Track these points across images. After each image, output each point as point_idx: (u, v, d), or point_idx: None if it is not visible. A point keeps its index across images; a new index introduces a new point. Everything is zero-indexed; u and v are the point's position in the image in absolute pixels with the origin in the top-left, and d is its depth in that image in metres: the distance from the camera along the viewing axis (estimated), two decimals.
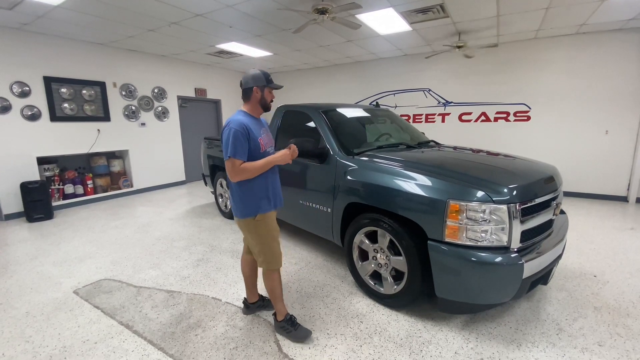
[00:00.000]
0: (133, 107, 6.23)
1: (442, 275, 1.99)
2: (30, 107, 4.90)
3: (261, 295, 2.40)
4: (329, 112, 3.11)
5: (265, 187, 1.98)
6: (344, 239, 2.65)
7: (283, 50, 6.27)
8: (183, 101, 7.30)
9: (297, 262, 3.19)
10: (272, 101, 2.05)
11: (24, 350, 2.00)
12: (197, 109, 7.75)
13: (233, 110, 8.38)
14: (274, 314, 2.16)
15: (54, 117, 5.16)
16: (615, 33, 4.96)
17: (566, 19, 4.50)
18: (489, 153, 2.92)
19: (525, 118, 5.83)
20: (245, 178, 1.88)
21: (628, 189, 5.24)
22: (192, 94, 7.40)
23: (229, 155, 1.82)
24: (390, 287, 2.33)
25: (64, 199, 5.43)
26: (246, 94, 1.98)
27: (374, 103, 7.10)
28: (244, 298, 2.37)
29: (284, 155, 1.94)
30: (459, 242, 1.89)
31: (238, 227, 2.03)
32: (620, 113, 5.10)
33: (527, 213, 1.95)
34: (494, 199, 1.86)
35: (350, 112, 3.46)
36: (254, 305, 2.35)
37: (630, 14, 4.29)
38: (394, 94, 7.12)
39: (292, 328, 2.07)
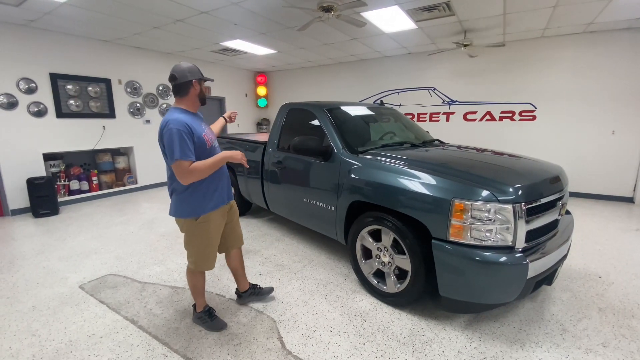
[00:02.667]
0: (138, 104, 6.26)
1: (446, 275, 1.98)
2: (37, 103, 4.94)
3: (252, 284, 2.47)
4: (333, 110, 3.10)
5: (216, 184, 1.95)
6: (348, 237, 2.65)
7: (287, 48, 6.26)
8: None
9: (300, 259, 3.20)
10: (206, 94, 2.03)
11: (31, 343, 2.02)
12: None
13: (236, 107, 8.40)
14: (194, 306, 2.20)
15: (59, 114, 5.20)
16: (623, 32, 4.90)
17: (573, 17, 4.45)
18: (494, 152, 2.90)
19: (531, 117, 5.79)
20: (197, 178, 1.79)
21: (634, 190, 5.19)
22: None
23: (175, 158, 1.70)
24: (393, 286, 2.33)
25: (69, 194, 5.48)
26: (183, 89, 1.88)
27: (378, 101, 7.06)
28: (236, 288, 2.44)
29: (237, 152, 1.89)
30: (464, 241, 1.88)
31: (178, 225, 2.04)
32: (627, 113, 5.05)
33: (532, 213, 1.94)
34: (499, 198, 1.85)
35: (354, 111, 3.45)
36: (245, 293, 2.42)
37: (638, 12, 4.23)
38: (398, 92, 7.09)
39: (209, 319, 2.14)
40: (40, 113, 4.99)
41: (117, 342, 2.03)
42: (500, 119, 6.06)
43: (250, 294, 2.43)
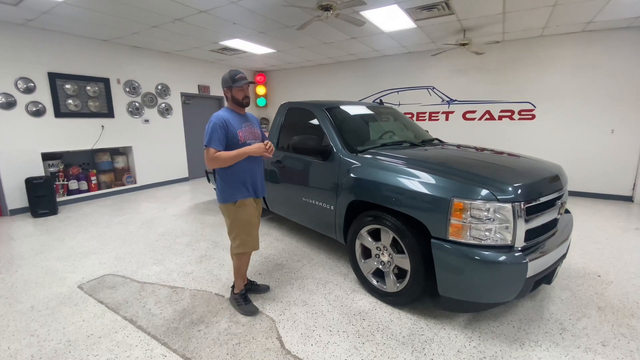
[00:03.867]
0: (137, 104, 6.25)
1: (445, 274, 1.98)
2: (35, 103, 4.93)
3: (249, 280, 2.58)
4: (332, 110, 3.10)
5: (244, 176, 2.17)
6: (347, 236, 2.65)
7: (286, 47, 6.25)
8: (186, 98, 7.30)
9: (299, 259, 3.20)
10: (245, 97, 2.19)
11: (29, 343, 2.02)
12: (201, 106, 7.76)
13: None
14: (232, 287, 2.41)
15: (58, 113, 5.18)
16: (623, 31, 4.90)
17: (573, 16, 4.45)
18: (493, 151, 2.90)
19: (530, 117, 5.78)
20: (219, 166, 2.07)
21: (633, 189, 5.19)
22: (195, 91, 7.40)
23: (204, 144, 2.03)
24: (392, 285, 2.33)
25: (68, 194, 5.46)
26: (224, 95, 2.24)
27: (378, 101, 7.06)
28: (234, 283, 2.52)
29: (258, 147, 2.07)
30: (463, 240, 1.88)
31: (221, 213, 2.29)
32: (626, 112, 5.05)
33: (531, 212, 1.94)
34: (498, 197, 1.85)
35: (353, 110, 3.45)
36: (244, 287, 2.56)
37: (638, 11, 4.23)
38: (397, 91, 7.09)
39: (243, 302, 2.31)
40: (39, 112, 4.98)
41: (115, 342, 2.02)
42: (500, 118, 6.06)
43: (247, 289, 2.52)
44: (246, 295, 2.36)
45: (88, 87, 5.51)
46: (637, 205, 5.06)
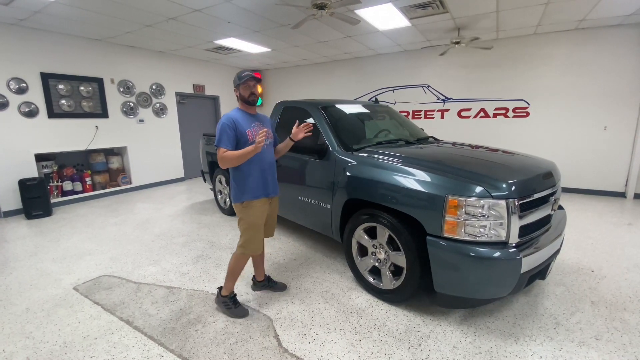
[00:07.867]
0: (131, 104, 6.21)
1: (441, 271, 2.00)
2: (28, 103, 4.87)
3: (267, 276, 2.61)
4: (327, 108, 3.10)
5: (253, 176, 2.18)
6: (343, 235, 2.66)
7: (282, 46, 6.24)
8: (181, 97, 7.26)
9: (296, 258, 3.20)
10: (251, 95, 2.20)
11: (25, 346, 2.00)
12: (196, 106, 7.72)
13: (231, 106, 8.37)
14: (219, 288, 2.34)
15: (51, 114, 5.13)
16: (615, 29, 4.95)
17: (566, 14, 4.48)
18: (488, 149, 2.92)
19: (524, 114, 5.83)
20: (228, 165, 2.11)
21: (626, 185, 5.26)
22: (190, 91, 7.37)
23: (215, 144, 2.09)
24: (389, 283, 2.34)
25: (62, 195, 5.42)
26: (236, 96, 2.28)
27: (373, 99, 7.07)
28: (253, 276, 2.61)
29: (254, 147, 2.01)
30: (458, 237, 1.90)
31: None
32: (619, 109, 5.10)
33: (525, 208, 1.96)
34: (492, 194, 1.86)
35: (349, 108, 3.45)
36: (260, 283, 2.59)
37: (630, 9, 4.27)
38: (393, 90, 7.10)
39: (233, 305, 2.28)
40: (32, 113, 4.93)
41: (112, 343, 2.02)
42: (494, 115, 6.10)
43: (264, 285, 2.60)
44: (235, 298, 2.31)
45: (81, 87, 5.46)
46: (630, 201, 5.12)
